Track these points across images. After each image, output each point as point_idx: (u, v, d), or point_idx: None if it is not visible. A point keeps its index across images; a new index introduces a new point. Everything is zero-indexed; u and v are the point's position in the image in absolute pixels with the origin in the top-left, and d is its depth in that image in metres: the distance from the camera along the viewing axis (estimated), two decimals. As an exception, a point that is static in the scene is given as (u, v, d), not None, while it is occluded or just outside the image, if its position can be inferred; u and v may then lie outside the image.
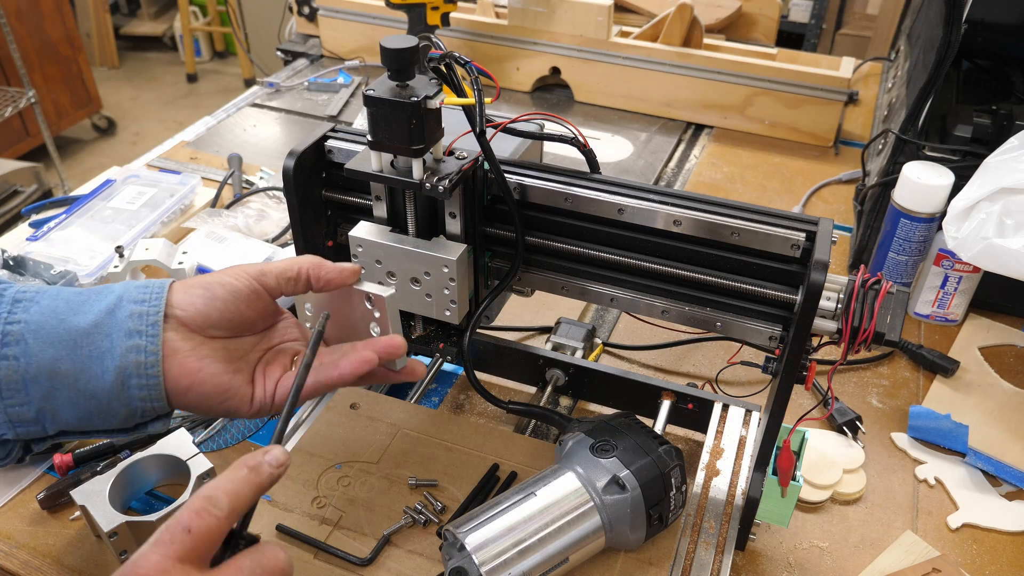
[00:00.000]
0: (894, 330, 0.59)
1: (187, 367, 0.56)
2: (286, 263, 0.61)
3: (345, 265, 0.62)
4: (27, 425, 0.55)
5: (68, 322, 0.55)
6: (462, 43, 1.60)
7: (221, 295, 0.58)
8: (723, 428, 0.79)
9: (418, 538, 0.69)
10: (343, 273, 0.61)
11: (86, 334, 0.55)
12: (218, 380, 0.58)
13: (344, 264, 0.62)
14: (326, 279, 0.61)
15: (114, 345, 0.55)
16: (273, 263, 0.61)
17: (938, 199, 0.96)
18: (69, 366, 0.54)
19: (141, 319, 0.55)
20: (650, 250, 0.68)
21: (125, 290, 0.57)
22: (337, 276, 0.61)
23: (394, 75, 0.61)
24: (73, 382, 0.54)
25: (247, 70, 4.08)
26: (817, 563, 0.76)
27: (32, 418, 0.55)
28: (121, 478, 0.75)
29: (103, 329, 0.55)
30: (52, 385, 0.54)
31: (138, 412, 0.57)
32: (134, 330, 0.55)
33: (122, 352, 0.55)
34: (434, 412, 0.83)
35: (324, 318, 0.59)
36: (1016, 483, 0.84)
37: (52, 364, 0.54)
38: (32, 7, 3.24)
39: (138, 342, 0.55)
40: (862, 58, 1.71)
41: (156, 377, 0.55)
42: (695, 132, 1.52)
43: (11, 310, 0.55)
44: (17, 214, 2.37)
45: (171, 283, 0.58)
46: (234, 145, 1.44)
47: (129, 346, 0.55)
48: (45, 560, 0.73)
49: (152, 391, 0.56)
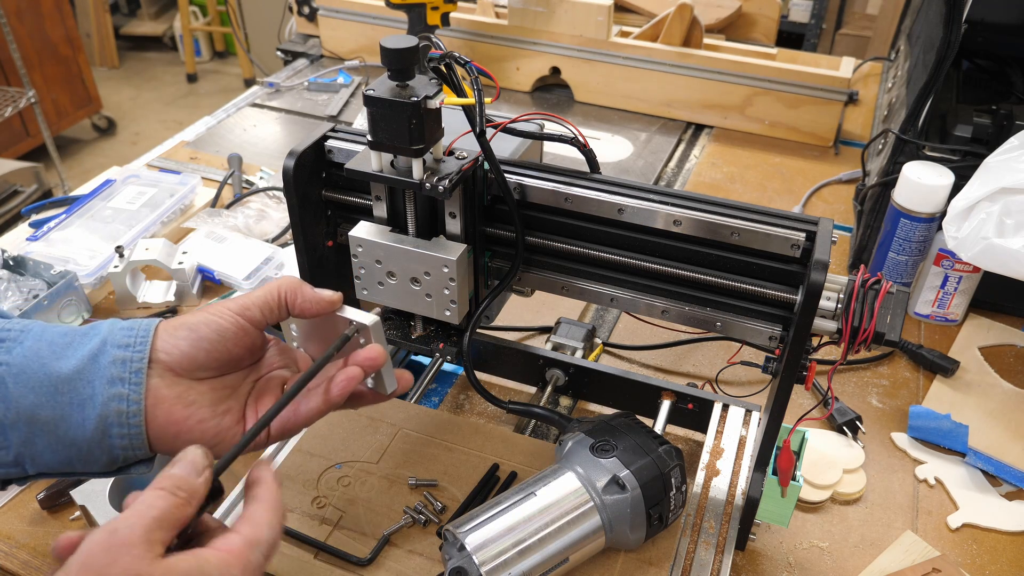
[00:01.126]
0: (894, 330, 0.59)
1: (174, 416, 0.55)
2: (265, 292, 0.59)
3: (323, 294, 0.60)
4: (7, 467, 0.54)
5: (50, 367, 0.52)
6: (462, 43, 1.60)
7: (207, 335, 0.56)
8: (723, 428, 0.79)
9: (418, 538, 0.69)
10: (320, 304, 0.59)
11: (68, 380, 0.52)
12: (206, 427, 0.56)
13: (323, 293, 0.60)
14: (301, 308, 0.59)
15: (96, 392, 0.53)
16: (253, 294, 0.59)
17: (938, 199, 0.96)
18: (49, 413, 0.52)
19: (124, 366, 0.53)
20: (650, 250, 0.68)
21: (110, 332, 0.55)
22: (313, 307, 0.59)
23: (394, 75, 0.61)
24: (53, 429, 0.52)
25: (247, 70, 4.09)
26: (817, 563, 0.76)
27: (11, 461, 0.53)
28: (121, 478, 0.75)
29: (85, 376, 0.53)
30: (31, 431, 0.52)
31: (119, 459, 0.55)
32: (117, 377, 0.53)
33: (104, 400, 0.52)
34: (434, 412, 0.83)
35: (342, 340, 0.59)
36: (1016, 483, 0.84)
37: (31, 410, 0.52)
38: (32, 7, 3.24)
39: (120, 390, 0.53)
40: (862, 58, 1.71)
41: (138, 427, 0.53)
42: (695, 132, 1.52)
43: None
44: (17, 214, 2.37)
45: (157, 325, 0.56)
46: (234, 145, 1.44)
47: (111, 394, 0.53)
48: (45, 560, 0.73)
49: (134, 440, 0.54)
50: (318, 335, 0.64)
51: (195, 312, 0.57)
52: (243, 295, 0.58)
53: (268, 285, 0.59)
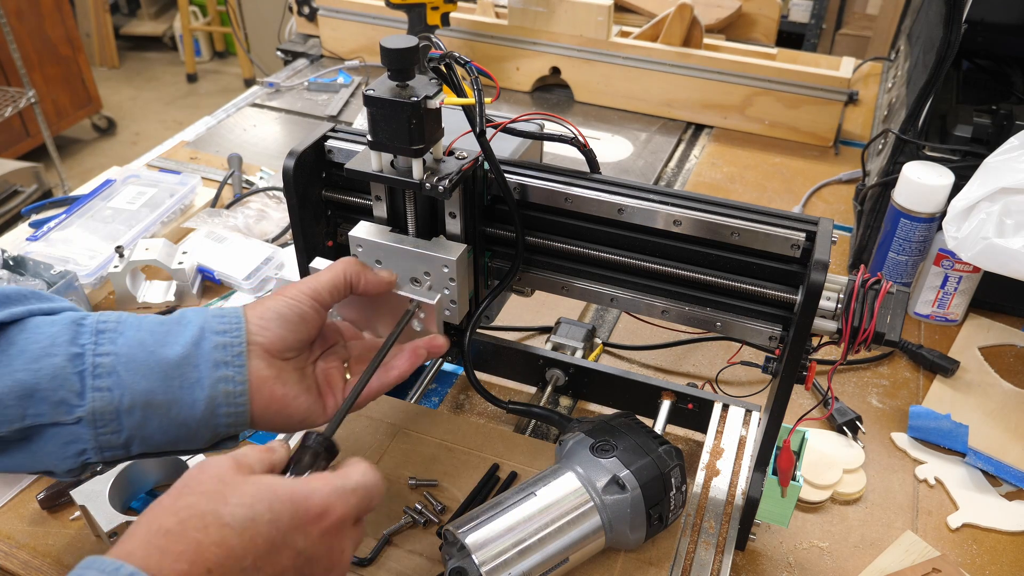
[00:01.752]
0: (894, 330, 0.59)
1: (275, 395, 0.59)
2: (331, 275, 0.63)
3: (383, 275, 0.66)
4: (115, 450, 0.57)
5: (157, 354, 0.56)
6: (462, 43, 1.60)
7: (292, 319, 0.61)
8: (723, 428, 0.79)
9: (418, 538, 0.69)
10: (381, 284, 0.65)
11: (176, 366, 0.56)
12: (300, 403, 0.61)
13: (382, 273, 0.66)
14: (364, 288, 0.65)
15: (202, 376, 0.57)
16: (321, 277, 0.63)
17: (938, 199, 0.96)
18: (162, 397, 0.56)
19: (226, 350, 0.58)
20: (650, 250, 0.68)
21: (205, 320, 0.59)
22: (375, 287, 0.65)
23: (394, 75, 0.61)
24: (166, 412, 0.56)
25: (247, 70, 4.09)
26: (817, 563, 0.76)
27: (121, 444, 0.56)
28: (121, 478, 0.75)
29: (191, 360, 0.57)
30: (145, 415, 0.56)
31: (221, 435, 0.59)
32: (221, 361, 0.57)
33: (211, 383, 0.57)
34: (434, 412, 0.83)
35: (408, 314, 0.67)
36: (1016, 483, 0.84)
37: (146, 395, 0.56)
38: (32, 7, 3.24)
39: (226, 373, 0.57)
40: (862, 58, 1.71)
41: (244, 406, 0.58)
42: (695, 132, 1.52)
43: (97, 341, 0.56)
44: (17, 214, 2.37)
45: (245, 311, 0.60)
46: (234, 145, 1.44)
47: (217, 377, 0.57)
48: (45, 560, 0.73)
49: (239, 417, 0.58)
50: (365, 311, 0.70)
51: (273, 297, 0.62)
52: (311, 278, 0.63)
53: (333, 267, 0.64)
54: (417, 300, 0.67)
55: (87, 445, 0.55)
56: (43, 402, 0.54)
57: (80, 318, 0.57)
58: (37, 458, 0.56)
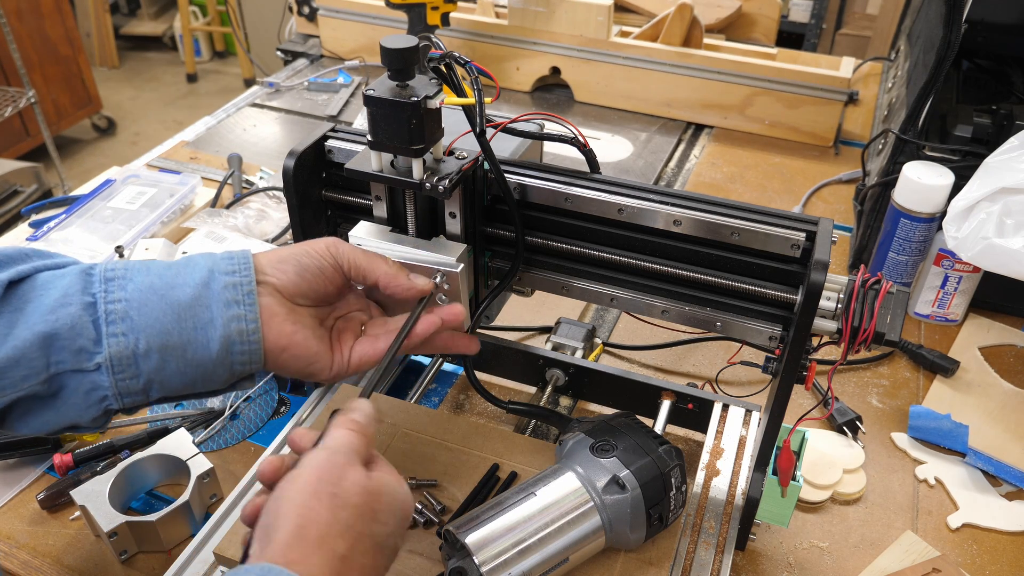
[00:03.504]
0: (894, 330, 0.59)
1: (284, 330, 0.60)
2: (367, 262, 0.64)
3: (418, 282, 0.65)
4: (134, 396, 0.58)
5: (168, 297, 0.57)
6: (462, 43, 1.60)
7: (310, 267, 0.62)
8: (723, 428, 0.79)
9: (418, 538, 0.69)
10: (411, 292, 0.65)
11: (188, 307, 0.57)
12: (308, 343, 0.62)
13: (417, 280, 0.65)
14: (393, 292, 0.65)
15: (215, 316, 0.57)
16: (352, 254, 0.64)
17: (938, 199, 0.96)
18: (177, 339, 0.57)
19: (236, 289, 0.58)
20: (650, 250, 0.68)
21: (214, 262, 0.60)
22: (405, 294, 0.65)
23: (394, 75, 0.61)
24: (182, 353, 0.57)
25: (247, 70, 4.09)
26: (817, 563, 0.76)
27: (140, 389, 0.57)
28: (121, 478, 0.75)
29: (202, 301, 0.58)
30: (163, 358, 0.57)
31: (237, 374, 0.60)
32: (232, 300, 0.58)
33: (224, 322, 0.58)
34: (434, 412, 0.83)
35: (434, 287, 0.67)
36: (1016, 483, 0.84)
37: (162, 338, 0.56)
38: (32, 7, 3.24)
39: (238, 311, 0.58)
40: (862, 58, 1.71)
41: (257, 343, 0.59)
42: (695, 132, 1.52)
43: (107, 288, 0.57)
44: (17, 214, 2.37)
45: (259, 255, 0.62)
46: (234, 145, 1.44)
47: (230, 316, 0.58)
48: (45, 560, 0.73)
49: (253, 355, 0.59)
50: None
51: (300, 245, 0.63)
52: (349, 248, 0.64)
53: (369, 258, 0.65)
54: (443, 271, 0.67)
55: (108, 392, 0.56)
56: (64, 350, 0.55)
57: (88, 268, 0.58)
58: (61, 412, 0.57)
